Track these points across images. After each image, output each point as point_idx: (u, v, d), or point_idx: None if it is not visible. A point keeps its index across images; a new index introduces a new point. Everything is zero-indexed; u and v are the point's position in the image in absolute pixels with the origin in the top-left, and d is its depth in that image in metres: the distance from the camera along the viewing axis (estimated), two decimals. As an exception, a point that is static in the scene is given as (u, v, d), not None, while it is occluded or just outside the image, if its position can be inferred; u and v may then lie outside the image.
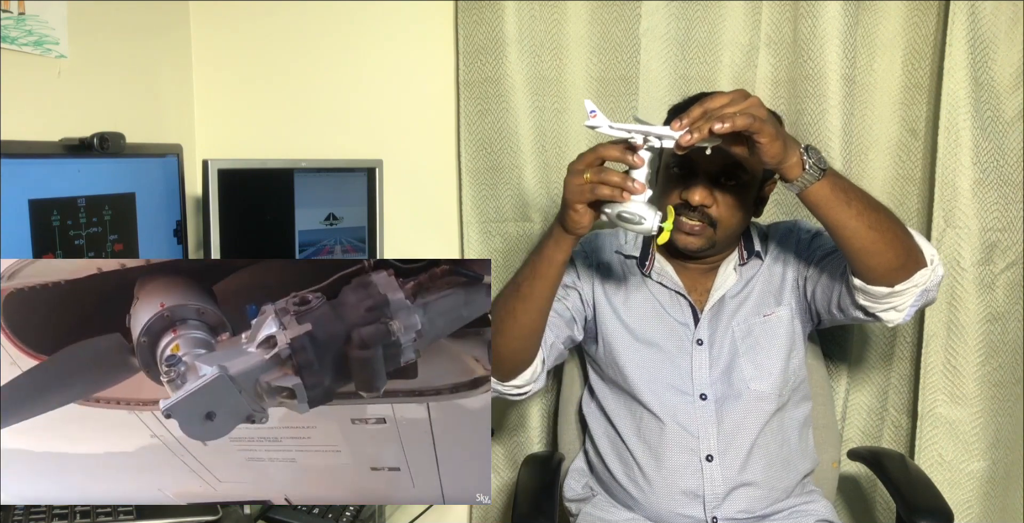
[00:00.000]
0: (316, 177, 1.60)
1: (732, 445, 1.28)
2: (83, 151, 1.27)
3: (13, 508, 1.11)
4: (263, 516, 1.18)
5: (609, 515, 1.35)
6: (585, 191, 1.06)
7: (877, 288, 1.16)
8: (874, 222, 1.10)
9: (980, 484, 1.60)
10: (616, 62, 1.63)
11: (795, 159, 1.06)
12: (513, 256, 1.71)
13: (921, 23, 1.57)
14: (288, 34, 1.77)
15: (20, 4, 1.29)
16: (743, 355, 1.31)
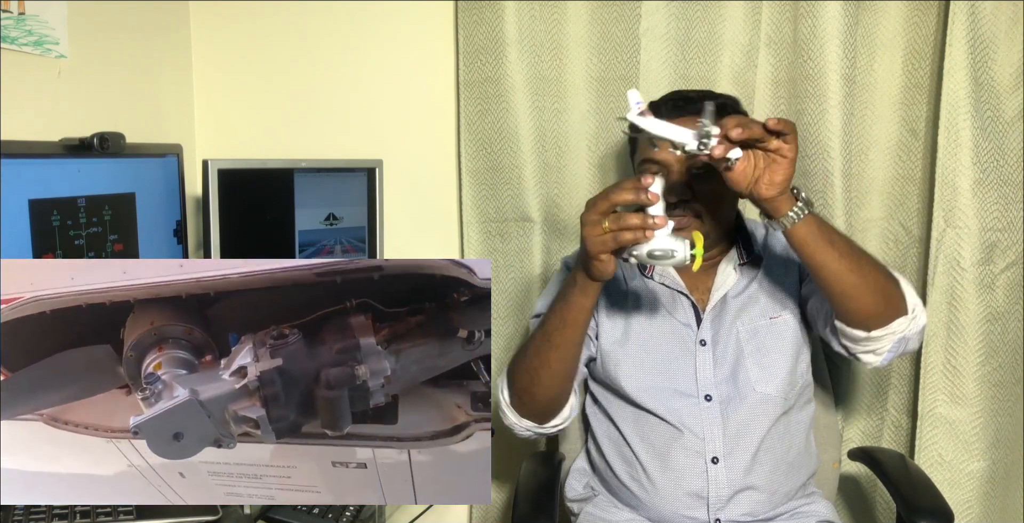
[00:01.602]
0: (316, 177, 1.60)
1: (738, 447, 1.28)
2: (83, 151, 1.27)
3: (13, 508, 1.11)
4: (263, 516, 1.18)
5: (610, 515, 1.35)
6: (608, 241, 1.04)
7: (855, 331, 1.17)
8: (855, 266, 1.11)
9: (980, 484, 1.60)
10: (616, 62, 1.63)
11: (786, 195, 1.07)
12: (513, 256, 1.71)
13: (921, 23, 1.57)
14: (288, 34, 1.77)
15: (20, 4, 1.29)
16: (749, 357, 1.30)
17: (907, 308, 1.16)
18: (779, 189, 1.06)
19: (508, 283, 1.72)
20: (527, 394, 1.26)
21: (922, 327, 1.19)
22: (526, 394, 1.26)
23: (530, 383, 1.24)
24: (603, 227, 1.04)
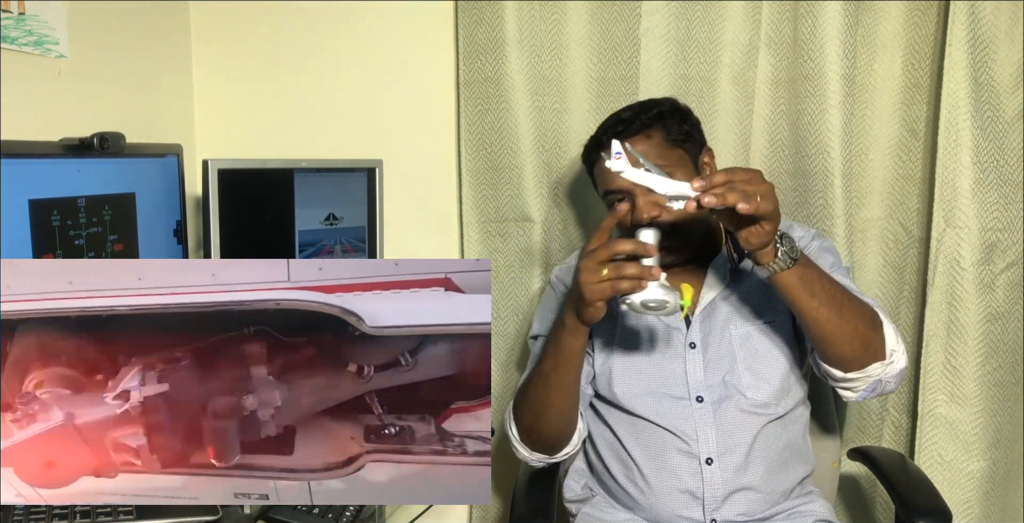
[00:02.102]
0: (316, 177, 1.60)
1: (731, 447, 1.28)
2: (83, 151, 1.27)
3: (13, 508, 1.11)
4: (263, 516, 1.18)
5: (608, 516, 1.35)
6: (606, 289, 1.07)
7: (831, 370, 1.20)
8: (833, 316, 1.13)
9: (980, 484, 1.60)
10: (616, 62, 1.63)
11: (767, 249, 1.09)
12: (513, 256, 1.71)
13: (921, 23, 1.57)
14: (288, 34, 1.77)
15: (20, 4, 1.29)
16: (741, 362, 1.30)
17: (885, 354, 1.18)
18: (757, 246, 1.08)
19: (508, 283, 1.72)
20: (535, 431, 1.29)
21: (899, 371, 1.21)
22: (534, 431, 1.29)
23: (535, 421, 1.28)
24: (601, 275, 1.06)
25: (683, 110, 1.35)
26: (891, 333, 1.20)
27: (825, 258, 1.31)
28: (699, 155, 1.34)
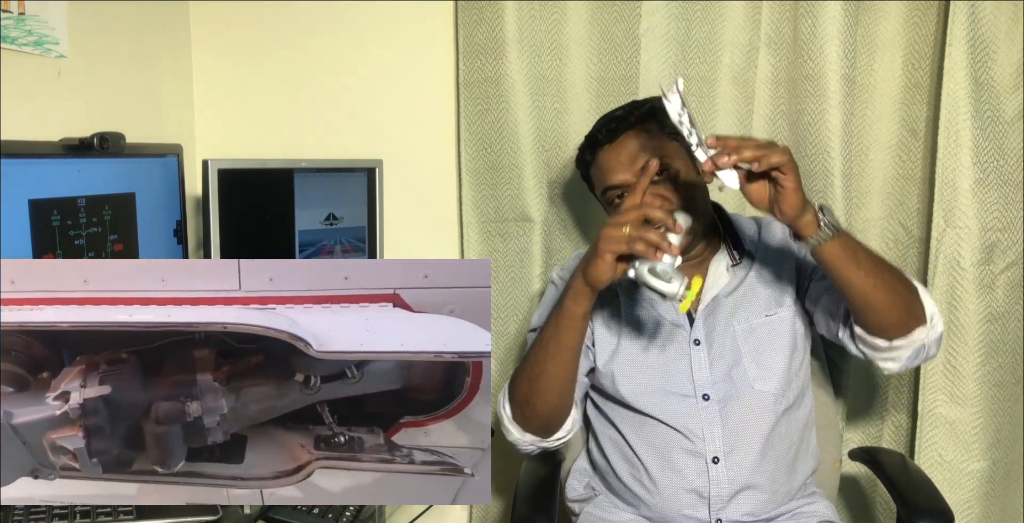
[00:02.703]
0: (316, 177, 1.60)
1: (738, 446, 1.28)
2: (83, 151, 1.27)
3: (13, 508, 1.11)
4: (263, 516, 1.17)
5: (611, 515, 1.35)
6: (621, 241, 1.08)
7: (876, 340, 1.19)
8: (879, 283, 1.13)
9: (980, 484, 1.60)
10: (616, 62, 1.63)
11: (810, 216, 1.09)
12: (513, 256, 1.71)
13: (921, 23, 1.57)
14: (288, 34, 1.77)
15: (20, 4, 1.29)
16: (746, 356, 1.30)
17: (926, 318, 1.18)
18: (791, 216, 1.08)
19: (508, 283, 1.72)
20: (528, 405, 1.27)
21: (940, 334, 1.21)
22: (527, 405, 1.27)
23: (530, 393, 1.25)
24: (623, 230, 1.07)
25: None
26: (926, 296, 1.20)
27: None
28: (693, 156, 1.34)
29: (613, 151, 1.30)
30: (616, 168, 1.28)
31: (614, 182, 1.29)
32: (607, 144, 1.30)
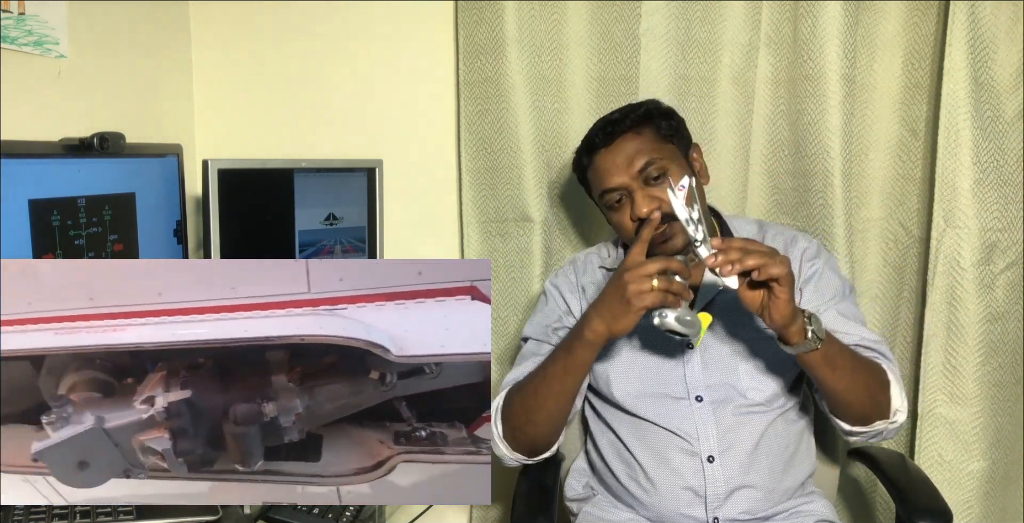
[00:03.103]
0: (316, 177, 1.60)
1: (732, 446, 1.28)
2: (83, 151, 1.27)
3: (13, 508, 1.11)
4: (263, 516, 1.18)
5: (609, 515, 1.35)
6: (657, 298, 1.12)
7: (837, 421, 1.27)
8: (851, 385, 1.20)
9: (980, 484, 1.60)
10: (616, 62, 1.63)
11: (798, 326, 1.13)
12: (512, 256, 1.71)
13: (921, 23, 1.57)
14: (288, 34, 1.77)
15: (20, 4, 1.29)
16: (741, 365, 1.30)
17: (889, 413, 1.24)
18: (780, 324, 1.12)
19: (508, 283, 1.72)
20: (521, 432, 1.29)
21: (900, 424, 1.26)
22: (520, 432, 1.29)
23: (526, 422, 1.28)
24: (653, 285, 1.11)
25: (667, 109, 1.37)
26: (896, 392, 1.25)
27: (832, 280, 1.33)
28: (688, 151, 1.35)
29: (609, 155, 1.30)
30: (613, 171, 1.29)
31: (611, 185, 1.30)
32: (603, 148, 1.31)
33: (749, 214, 1.67)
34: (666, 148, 1.30)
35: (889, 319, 1.67)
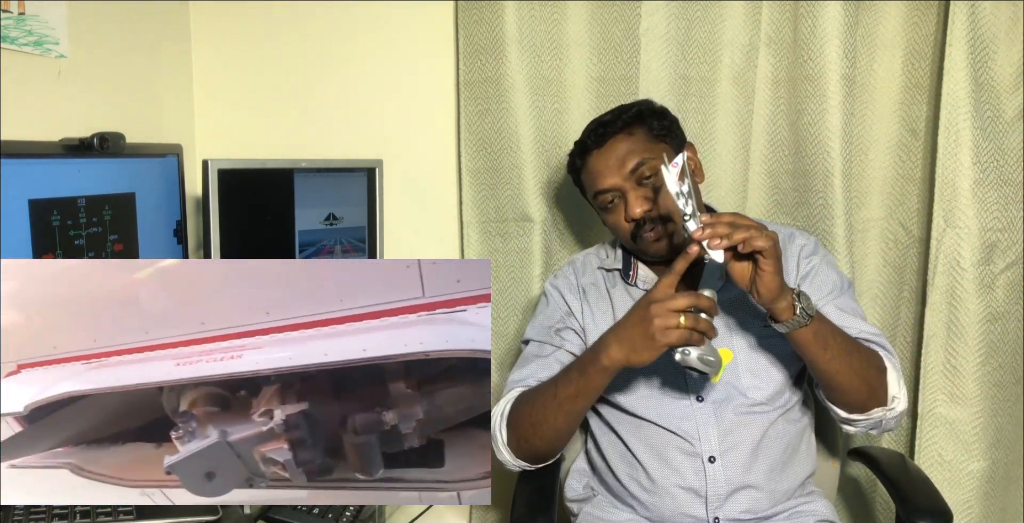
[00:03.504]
0: (316, 177, 1.60)
1: (733, 446, 1.28)
2: (83, 151, 1.27)
3: (13, 508, 1.11)
4: (263, 516, 1.18)
5: (610, 515, 1.35)
6: (682, 336, 1.09)
7: (835, 409, 1.26)
8: (844, 367, 1.18)
9: (980, 484, 1.60)
10: (616, 62, 1.63)
11: (787, 302, 1.13)
12: (513, 256, 1.71)
13: (921, 23, 1.57)
14: (288, 34, 1.77)
15: (20, 4, 1.29)
16: (741, 364, 1.30)
17: (887, 400, 1.23)
18: (768, 298, 1.12)
19: (508, 283, 1.72)
20: (527, 443, 1.29)
21: (899, 413, 1.25)
22: (526, 442, 1.29)
23: (532, 435, 1.27)
24: (679, 322, 1.09)
25: (660, 109, 1.37)
26: (894, 379, 1.24)
27: (829, 276, 1.33)
28: (682, 150, 1.35)
29: (602, 156, 1.31)
30: (605, 173, 1.30)
31: (603, 187, 1.30)
32: (596, 149, 1.32)
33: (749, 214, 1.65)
34: (658, 147, 1.30)
35: (889, 319, 1.67)
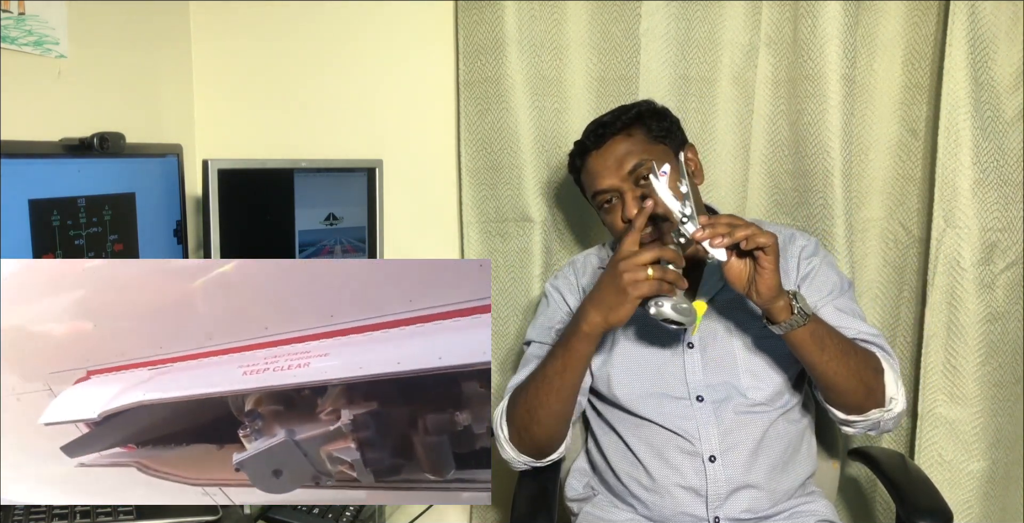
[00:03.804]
0: (316, 177, 1.60)
1: (733, 446, 1.28)
2: (83, 151, 1.27)
3: (13, 508, 1.11)
4: (263, 516, 1.18)
5: (610, 515, 1.35)
6: (653, 286, 1.12)
7: (833, 411, 1.27)
8: (841, 368, 1.19)
9: (980, 484, 1.60)
10: (616, 62, 1.63)
11: (784, 302, 1.14)
12: (513, 256, 1.71)
13: (921, 23, 1.57)
14: (288, 34, 1.77)
15: (20, 4, 1.29)
16: (741, 364, 1.30)
17: (884, 401, 1.23)
18: (766, 297, 1.13)
19: (508, 283, 1.72)
20: (526, 432, 1.29)
21: (897, 414, 1.25)
22: (525, 432, 1.29)
23: (530, 422, 1.28)
24: (648, 274, 1.11)
25: (660, 110, 1.37)
26: (891, 380, 1.24)
27: (828, 276, 1.33)
28: (681, 151, 1.35)
29: (600, 157, 1.31)
30: (604, 173, 1.30)
31: (602, 187, 1.31)
32: (594, 149, 1.32)
33: (749, 214, 1.67)
34: (657, 149, 1.30)
35: (889, 319, 1.67)
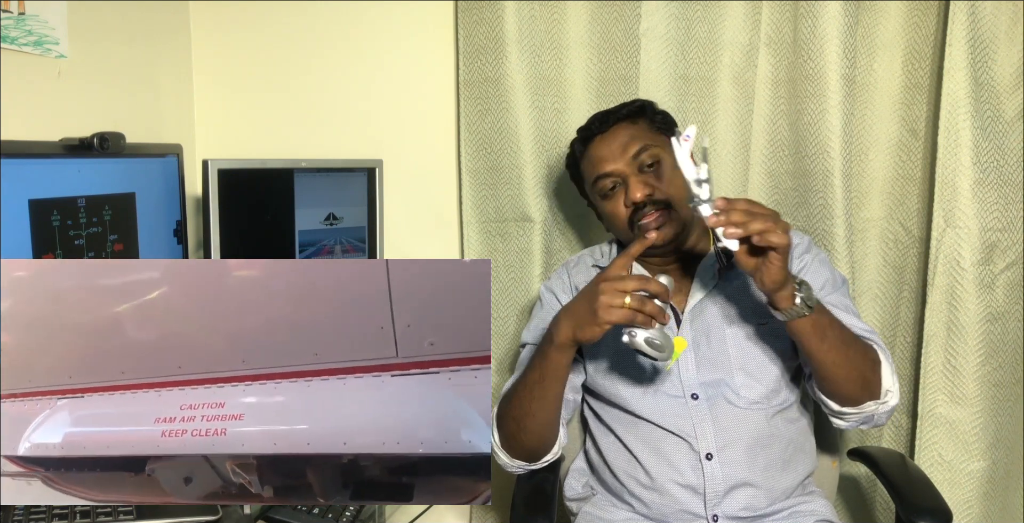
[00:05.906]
0: (316, 177, 1.60)
1: (730, 443, 1.28)
2: (83, 151, 1.27)
3: (13, 508, 1.11)
4: (263, 516, 1.18)
5: (609, 514, 1.35)
6: (625, 316, 1.09)
7: (827, 401, 1.24)
8: (840, 359, 1.17)
9: (980, 484, 1.60)
10: (616, 62, 1.63)
11: (788, 291, 1.12)
12: (513, 256, 1.71)
13: (921, 23, 1.57)
14: (288, 34, 1.77)
15: (20, 4, 1.29)
16: (735, 362, 1.30)
17: (880, 393, 1.22)
18: (771, 288, 1.10)
19: (508, 283, 1.72)
20: (515, 439, 1.30)
21: (891, 408, 1.23)
22: (514, 440, 1.30)
23: (517, 430, 1.28)
24: (624, 302, 1.08)
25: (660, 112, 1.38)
26: (887, 373, 1.23)
27: (820, 272, 1.32)
28: None
29: (605, 141, 1.31)
30: (608, 157, 1.30)
31: (605, 170, 1.30)
32: (599, 134, 1.32)
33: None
34: (660, 138, 1.31)
35: (889, 319, 1.67)
